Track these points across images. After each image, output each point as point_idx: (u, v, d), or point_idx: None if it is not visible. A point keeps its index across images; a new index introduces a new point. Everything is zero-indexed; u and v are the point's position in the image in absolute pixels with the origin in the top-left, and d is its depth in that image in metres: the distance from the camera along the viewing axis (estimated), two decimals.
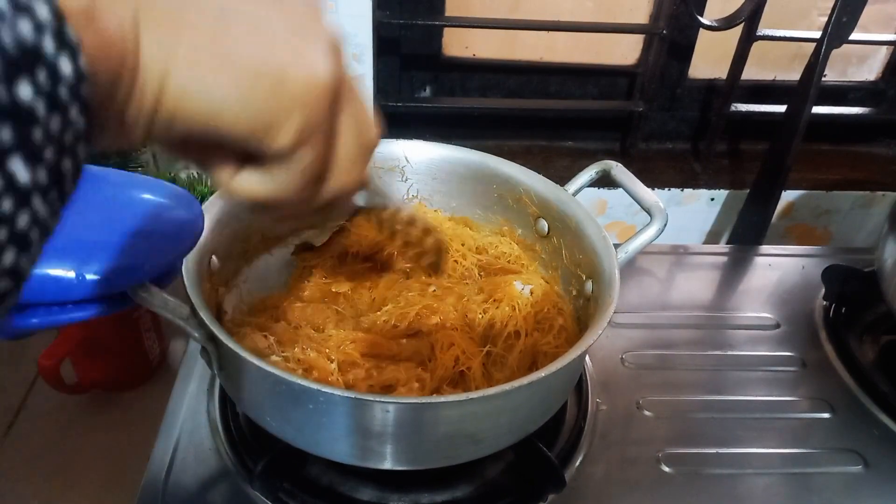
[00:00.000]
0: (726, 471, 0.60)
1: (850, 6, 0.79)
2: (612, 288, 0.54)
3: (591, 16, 1.02)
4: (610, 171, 0.64)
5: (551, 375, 0.46)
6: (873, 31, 1.04)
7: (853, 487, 0.60)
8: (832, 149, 1.16)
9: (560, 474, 0.55)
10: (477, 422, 0.48)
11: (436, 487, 0.56)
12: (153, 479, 0.55)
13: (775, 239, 1.10)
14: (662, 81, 1.05)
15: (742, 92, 1.03)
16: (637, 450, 0.61)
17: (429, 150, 0.69)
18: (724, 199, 1.05)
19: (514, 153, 0.98)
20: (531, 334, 0.59)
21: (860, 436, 0.64)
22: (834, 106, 1.09)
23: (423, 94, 1.05)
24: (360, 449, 0.48)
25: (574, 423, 0.62)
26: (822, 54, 0.82)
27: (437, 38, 1.01)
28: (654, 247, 0.63)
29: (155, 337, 0.76)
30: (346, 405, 0.45)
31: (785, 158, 0.89)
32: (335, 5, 0.85)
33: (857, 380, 0.70)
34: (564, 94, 1.08)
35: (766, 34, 0.96)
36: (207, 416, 0.60)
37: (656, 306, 0.79)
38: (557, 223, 0.65)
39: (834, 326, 0.76)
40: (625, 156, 1.10)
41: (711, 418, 0.65)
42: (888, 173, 1.12)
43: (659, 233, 0.59)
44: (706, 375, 0.70)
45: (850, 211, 1.09)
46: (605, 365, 0.70)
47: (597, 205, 1.03)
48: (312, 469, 0.56)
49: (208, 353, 0.49)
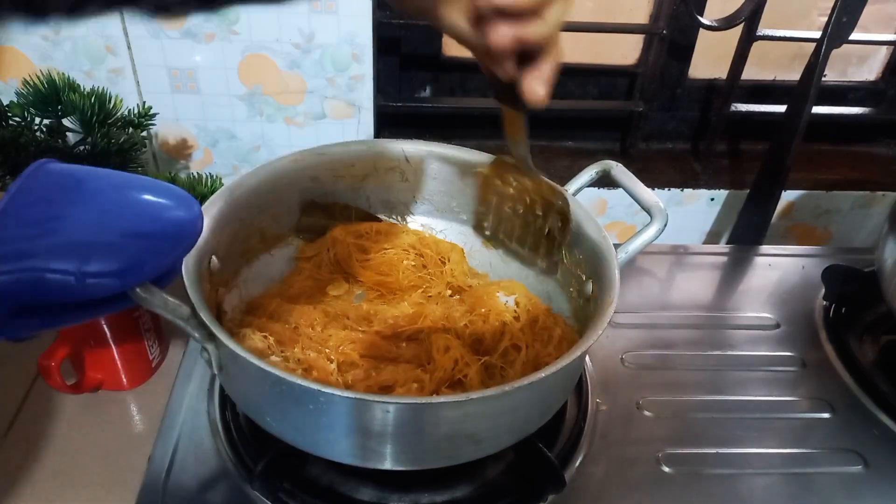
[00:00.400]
0: (726, 471, 0.60)
1: (850, 6, 0.79)
2: (612, 288, 0.54)
3: (591, 16, 1.02)
4: (610, 171, 0.64)
5: (551, 376, 0.46)
6: (873, 31, 1.04)
7: (853, 487, 0.60)
8: (832, 149, 1.16)
9: (560, 474, 0.55)
10: (477, 422, 0.48)
11: (436, 487, 0.56)
12: (153, 479, 0.55)
13: (775, 239, 1.10)
14: (662, 81, 1.05)
15: (742, 92, 1.03)
16: (637, 450, 0.61)
17: (429, 150, 0.69)
18: (724, 199, 1.05)
19: None
20: (532, 346, 0.59)
21: (860, 436, 0.64)
22: (834, 106, 1.09)
23: (423, 94, 1.05)
24: (360, 449, 0.48)
25: (574, 423, 0.62)
26: (822, 54, 0.82)
27: (437, 38, 1.01)
28: (654, 247, 0.63)
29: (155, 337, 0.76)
30: (346, 405, 0.45)
31: (785, 158, 0.89)
32: (335, 5, 0.85)
33: (857, 380, 0.70)
34: (564, 94, 1.08)
35: (766, 34, 0.96)
36: (207, 416, 0.60)
37: (656, 306, 0.79)
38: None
39: (834, 326, 0.76)
40: (625, 156, 1.10)
41: (711, 418, 0.65)
42: (888, 173, 1.12)
43: (659, 233, 0.59)
44: (706, 375, 0.70)
45: (850, 211, 1.09)
46: (605, 365, 0.70)
47: (597, 205, 1.03)
48: (312, 469, 0.56)
49: (208, 353, 0.49)
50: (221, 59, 0.88)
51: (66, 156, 0.71)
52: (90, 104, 0.73)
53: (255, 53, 0.88)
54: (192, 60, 0.88)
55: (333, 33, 0.87)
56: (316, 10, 0.85)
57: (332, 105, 0.94)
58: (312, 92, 0.92)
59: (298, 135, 0.96)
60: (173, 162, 0.98)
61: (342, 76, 0.91)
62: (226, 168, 0.98)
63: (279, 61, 0.89)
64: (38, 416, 0.67)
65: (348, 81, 0.92)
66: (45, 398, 0.69)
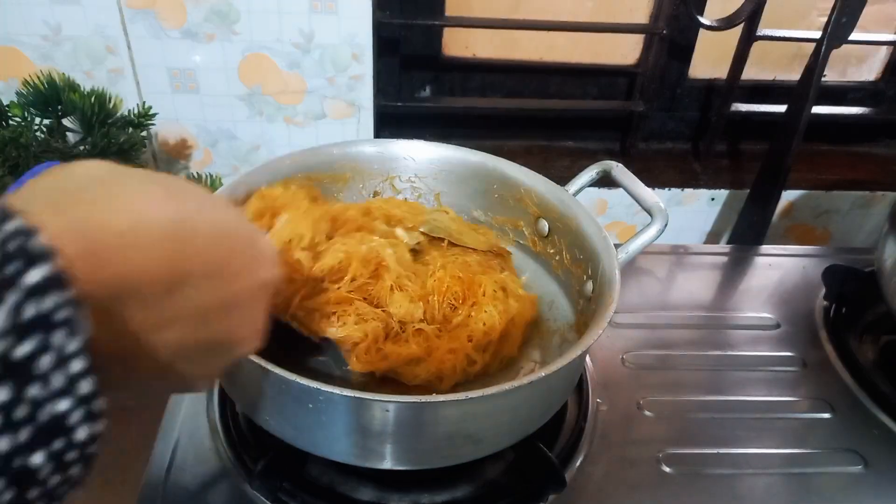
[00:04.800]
0: (726, 471, 0.60)
1: (849, 6, 0.79)
2: (612, 288, 0.54)
3: (591, 16, 1.03)
4: (610, 171, 0.64)
5: (551, 375, 0.46)
6: (873, 31, 1.04)
7: (853, 487, 0.60)
8: (832, 149, 1.16)
9: (560, 474, 0.55)
10: (477, 422, 0.48)
11: (436, 487, 0.56)
12: (153, 479, 0.55)
13: (775, 239, 1.10)
14: (662, 81, 1.05)
15: (742, 92, 1.03)
16: (637, 450, 0.61)
17: (429, 150, 0.69)
18: (724, 199, 1.05)
19: (514, 153, 0.98)
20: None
21: (860, 436, 0.64)
22: (834, 106, 1.09)
23: (423, 94, 1.05)
24: (359, 448, 0.48)
25: (574, 423, 0.62)
26: (821, 54, 0.82)
27: (437, 38, 1.01)
28: (654, 247, 0.63)
29: None
30: (345, 404, 0.45)
31: (785, 158, 0.89)
32: (335, 5, 0.85)
33: (857, 380, 0.70)
34: (564, 94, 1.08)
35: (766, 34, 0.96)
36: (207, 416, 0.60)
37: (656, 306, 0.79)
38: (558, 223, 0.65)
39: (834, 326, 0.76)
40: (625, 156, 1.10)
41: (711, 418, 0.65)
42: (888, 173, 1.12)
43: (659, 233, 0.59)
44: (706, 375, 0.70)
45: (850, 211, 1.09)
46: (605, 365, 0.70)
47: (597, 205, 1.03)
48: (312, 469, 0.56)
49: None
50: (221, 59, 0.88)
51: (66, 156, 0.71)
52: (90, 104, 0.73)
53: (255, 53, 0.88)
54: (192, 60, 0.88)
55: (333, 33, 0.87)
56: (316, 10, 0.85)
57: (332, 105, 0.94)
58: (312, 92, 0.93)
59: (298, 135, 0.96)
60: (173, 162, 0.98)
61: (342, 76, 0.91)
62: (226, 168, 0.98)
63: (279, 61, 0.89)
64: None
65: (348, 81, 0.92)
66: None
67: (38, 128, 0.73)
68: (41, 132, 0.73)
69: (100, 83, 0.83)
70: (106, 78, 0.88)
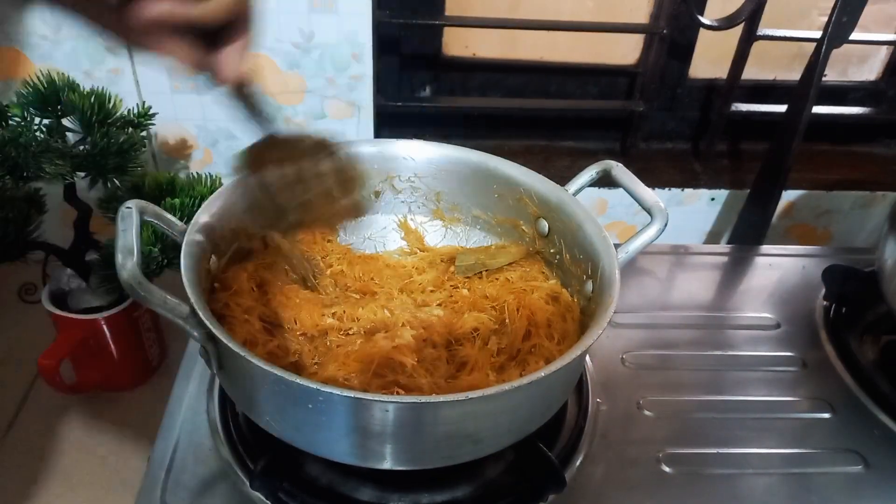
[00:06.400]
0: (726, 471, 0.60)
1: (850, 6, 0.79)
2: (612, 288, 0.54)
3: (592, 16, 1.03)
4: (610, 170, 0.64)
5: (551, 375, 0.46)
6: (873, 31, 1.04)
7: (853, 487, 0.60)
8: (832, 149, 1.16)
9: (560, 474, 0.55)
10: (477, 422, 0.48)
11: (436, 487, 0.56)
12: (153, 479, 0.55)
13: (775, 239, 1.10)
14: (662, 81, 1.05)
15: (742, 92, 1.03)
16: (637, 450, 0.61)
17: (429, 149, 0.69)
18: (724, 199, 1.05)
19: (514, 153, 0.98)
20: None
21: (860, 436, 0.64)
22: (834, 106, 1.09)
23: (423, 94, 1.05)
24: (359, 449, 0.48)
25: (574, 423, 0.62)
26: (822, 54, 0.82)
27: (437, 37, 1.01)
28: (654, 247, 0.63)
29: (155, 337, 0.76)
30: (345, 404, 0.45)
31: (785, 158, 0.89)
32: (335, 4, 0.85)
33: (857, 380, 0.70)
34: (564, 94, 1.08)
35: (767, 34, 0.96)
36: (207, 416, 0.60)
37: (656, 306, 0.79)
38: (558, 223, 0.64)
39: (834, 326, 0.76)
40: (625, 156, 1.10)
41: (711, 418, 0.65)
42: (888, 173, 1.12)
43: (659, 233, 0.59)
44: (706, 375, 0.70)
45: (850, 211, 1.09)
46: (605, 365, 0.70)
47: (597, 205, 1.03)
48: (312, 469, 0.56)
49: (208, 353, 0.49)
50: None
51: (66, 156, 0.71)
52: (90, 104, 0.73)
53: (254, 53, 0.88)
54: None
55: (333, 33, 0.87)
56: (316, 9, 0.85)
57: (332, 105, 0.94)
58: (312, 92, 0.92)
59: None
60: (173, 162, 0.98)
61: (342, 76, 0.91)
62: (226, 168, 0.98)
63: (279, 61, 0.89)
64: (38, 416, 0.67)
65: (348, 81, 0.92)
66: (45, 398, 0.69)
67: (37, 128, 0.73)
68: (41, 132, 0.73)
69: (100, 83, 0.82)
70: (106, 78, 0.88)
